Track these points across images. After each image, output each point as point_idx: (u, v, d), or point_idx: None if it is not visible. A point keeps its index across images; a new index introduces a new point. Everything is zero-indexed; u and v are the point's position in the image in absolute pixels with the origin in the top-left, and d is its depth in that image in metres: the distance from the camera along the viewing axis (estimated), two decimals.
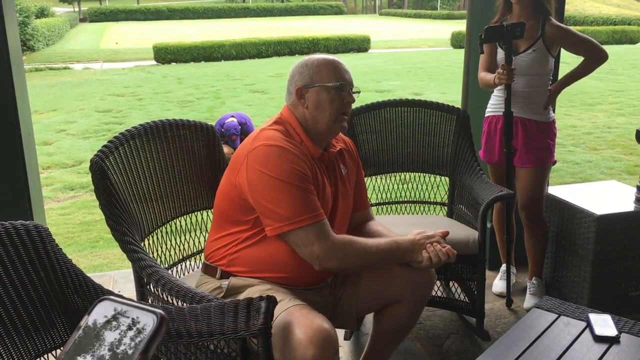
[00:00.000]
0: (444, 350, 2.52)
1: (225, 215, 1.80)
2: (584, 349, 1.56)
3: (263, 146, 1.69)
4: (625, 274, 2.82)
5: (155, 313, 0.65)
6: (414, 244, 1.78)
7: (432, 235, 1.80)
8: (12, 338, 1.42)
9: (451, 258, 1.77)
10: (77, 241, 4.32)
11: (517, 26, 2.56)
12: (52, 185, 5.84)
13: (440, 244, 1.79)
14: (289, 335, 1.49)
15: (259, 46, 20.10)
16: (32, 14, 22.65)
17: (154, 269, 1.71)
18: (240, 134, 5.77)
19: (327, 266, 1.69)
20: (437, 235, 1.81)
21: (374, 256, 1.74)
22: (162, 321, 0.64)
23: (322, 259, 1.66)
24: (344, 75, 1.80)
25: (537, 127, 2.71)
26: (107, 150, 1.86)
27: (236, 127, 5.74)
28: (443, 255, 1.76)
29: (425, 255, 1.77)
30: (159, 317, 0.64)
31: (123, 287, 3.10)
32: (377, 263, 1.79)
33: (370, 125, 2.89)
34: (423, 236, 1.80)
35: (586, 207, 2.77)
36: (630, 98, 10.56)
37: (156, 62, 18.32)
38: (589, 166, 6.27)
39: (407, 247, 1.78)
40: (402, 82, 13.17)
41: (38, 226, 1.49)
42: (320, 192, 1.75)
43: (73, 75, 15.22)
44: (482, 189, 2.54)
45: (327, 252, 1.65)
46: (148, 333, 0.64)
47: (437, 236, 1.81)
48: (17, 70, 2.51)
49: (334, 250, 1.66)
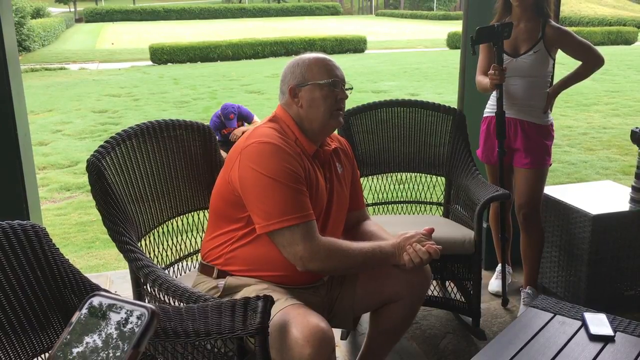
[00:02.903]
0: (440, 350, 2.52)
1: (220, 213, 1.81)
2: (580, 348, 1.57)
3: (257, 143, 1.69)
4: (621, 273, 2.84)
5: (147, 308, 0.65)
6: (395, 247, 1.76)
7: (412, 236, 1.76)
8: (9, 337, 1.42)
9: (433, 255, 1.73)
10: (73, 242, 4.32)
11: (506, 26, 2.57)
12: (48, 186, 5.83)
13: (421, 242, 1.75)
14: (285, 335, 1.49)
15: (256, 47, 20.09)
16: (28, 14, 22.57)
17: (151, 269, 1.71)
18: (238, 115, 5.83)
19: (309, 267, 1.68)
20: (417, 235, 1.77)
21: (356, 260, 1.73)
22: (154, 316, 0.65)
23: (305, 260, 1.66)
24: (335, 72, 1.81)
25: (536, 130, 2.72)
26: (104, 150, 1.86)
27: (233, 105, 5.81)
28: (424, 254, 1.72)
29: (406, 258, 1.74)
30: (150, 312, 0.65)
31: (120, 287, 3.10)
32: (360, 267, 1.80)
33: (366, 125, 2.90)
34: (403, 238, 1.77)
35: (581, 207, 2.78)
36: (626, 99, 10.60)
37: (152, 62, 18.28)
38: (585, 166, 6.29)
39: (390, 251, 1.76)
40: (398, 82, 13.19)
41: (35, 226, 1.49)
42: (313, 189, 1.76)
43: (69, 76, 15.18)
44: (478, 189, 2.55)
45: (311, 254, 1.65)
46: (140, 327, 0.65)
47: (418, 235, 1.77)
48: (13, 71, 2.51)
49: (317, 253, 1.66)
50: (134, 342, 0.64)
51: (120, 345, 0.64)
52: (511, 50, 2.68)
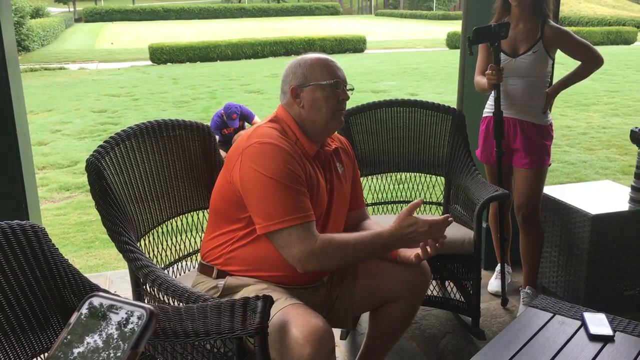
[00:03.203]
0: (440, 350, 2.52)
1: (221, 213, 1.80)
2: (579, 348, 1.57)
3: (258, 143, 1.69)
4: (620, 273, 2.84)
5: (145, 308, 0.65)
6: (394, 234, 1.72)
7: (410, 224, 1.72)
8: (8, 337, 1.42)
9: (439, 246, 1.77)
10: (72, 241, 4.32)
11: (503, 26, 2.57)
12: (48, 186, 5.83)
13: None
14: (285, 334, 1.49)
15: (255, 46, 20.09)
16: (27, 14, 22.57)
17: (150, 269, 1.71)
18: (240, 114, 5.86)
19: (309, 268, 1.67)
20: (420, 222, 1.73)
21: (355, 252, 1.69)
22: (152, 316, 0.65)
23: (303, 262, 1.65)
24: (337, 72, 1.80)
25: (535, 130, 2.72)
26: (103, 150, 1.86)
27: (236, 105, 5.83)
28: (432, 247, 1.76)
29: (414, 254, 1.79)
30: (149, 312, 0.65)
31: (119, 287, 3.10)
32: (359, 259, 1.77)
33: (366, 125, 2.89)
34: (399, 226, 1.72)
35: (581, 206, 2.78)
36: (625, 98, 10.61)
37: (152, 62, 18.27)
38: (584, 166, 6.29)
39: (389, 234, 1.72)
40: (398, 82, 13.19)
41: (34, 226, 1.49)
42: (314, 190, 1.75)
43: (68, 76, 15.18)
44: (478, 188, 2.54)
45: (308, 256, 1.64)
46: (138, 328, 0.65)
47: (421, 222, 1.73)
48: (12, 71, 2.51)
49: (313, 255, 1.64)
50: (132, 342, 0.64)
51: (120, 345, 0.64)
52: (510, 50, 2.68)
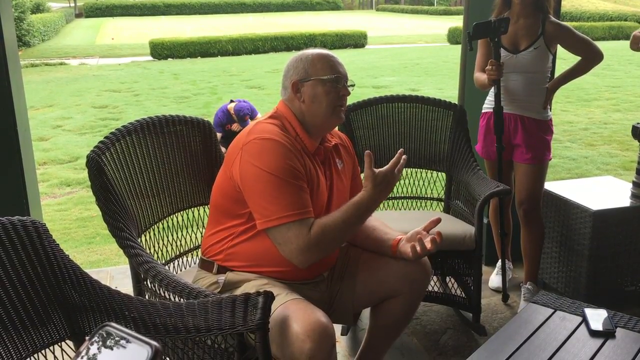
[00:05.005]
0: (441, 345, 2.53)
1: (221, 208, 1.80)
2: (580, 344, 1.57)
3: (258, 139, 1.69)
4: (621, 269, 2.84)
5: (151, 345, 0.69)
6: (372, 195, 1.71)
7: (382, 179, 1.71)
8: (9, 333, 1.42)
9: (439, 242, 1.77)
10: (73, 237, 4.32)
11: (503, 22, 2.56)
12: (49, 181, 5.83)
13: None
14: (286, 330, 1.49)
15: (256, 42, 20.06)
16: (28, 10, 22.53)
17: (151, 264, 1.71)
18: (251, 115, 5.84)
19: (310, 261, 1.68)
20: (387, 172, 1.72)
21: (347, 226, 1.71)
22: (157, 354, 0.69)
23: (302, 259, 1.66)
24: (338, 68, 1.80)
25: (536, 125, 2.71)
26: (104, 146, 1.86)
27: (248, 107, 5.80)
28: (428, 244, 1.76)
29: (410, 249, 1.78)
30: (154, 350, 0.69)
31: (120, 283, 3.10)
32: (353, 231, 1.79)
33: (367, 121, 2.89)
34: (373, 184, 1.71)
35: (582, 202, 2.77)
36: (627, 94, 10.58)
37: (152, 57, 18.25)
38: (585, 162, 6.28)
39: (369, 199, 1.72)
40: (399, 78, 13.17)
41: (35, 222, 1.49)
42: (314, 186, 1.75)
43: (69, 71, 15.16)
44: (479, 184, 2.54)
45: (306, 250, 1.64)
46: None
47: None
48: (13, 66, 2.51)
49: (310, 247, 1.64)
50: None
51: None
52: (511, 46, 2.67)
